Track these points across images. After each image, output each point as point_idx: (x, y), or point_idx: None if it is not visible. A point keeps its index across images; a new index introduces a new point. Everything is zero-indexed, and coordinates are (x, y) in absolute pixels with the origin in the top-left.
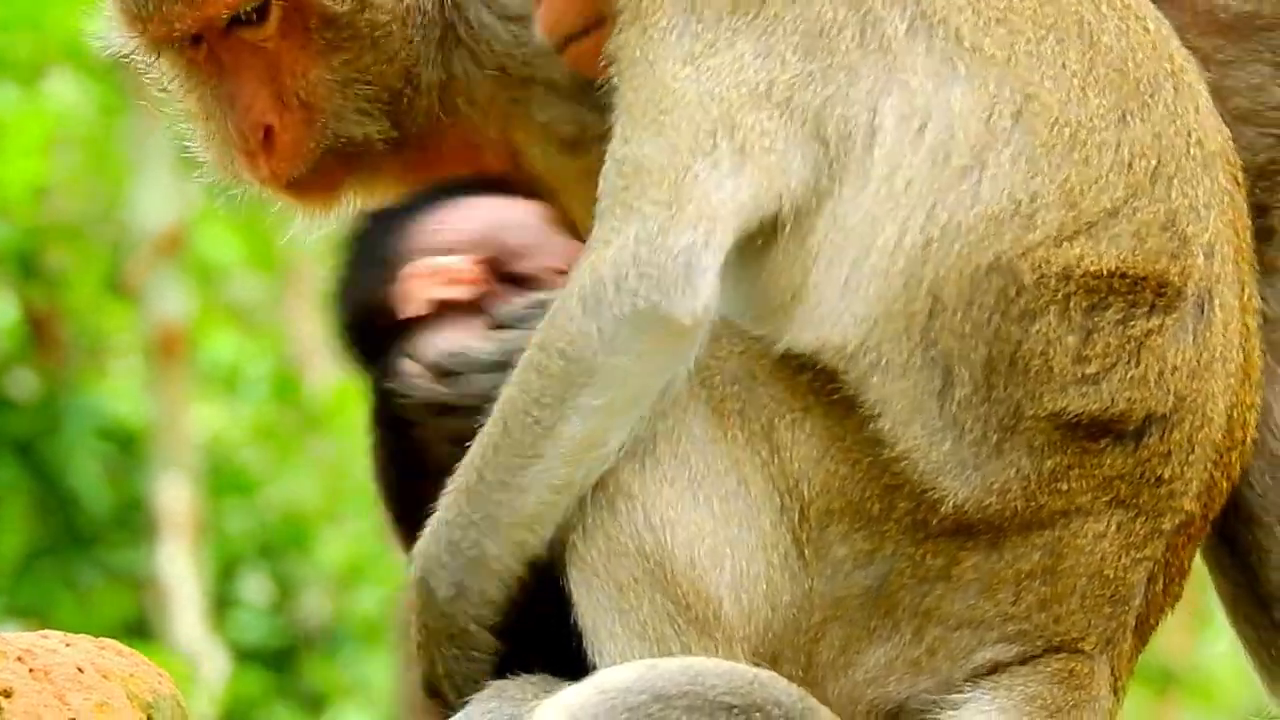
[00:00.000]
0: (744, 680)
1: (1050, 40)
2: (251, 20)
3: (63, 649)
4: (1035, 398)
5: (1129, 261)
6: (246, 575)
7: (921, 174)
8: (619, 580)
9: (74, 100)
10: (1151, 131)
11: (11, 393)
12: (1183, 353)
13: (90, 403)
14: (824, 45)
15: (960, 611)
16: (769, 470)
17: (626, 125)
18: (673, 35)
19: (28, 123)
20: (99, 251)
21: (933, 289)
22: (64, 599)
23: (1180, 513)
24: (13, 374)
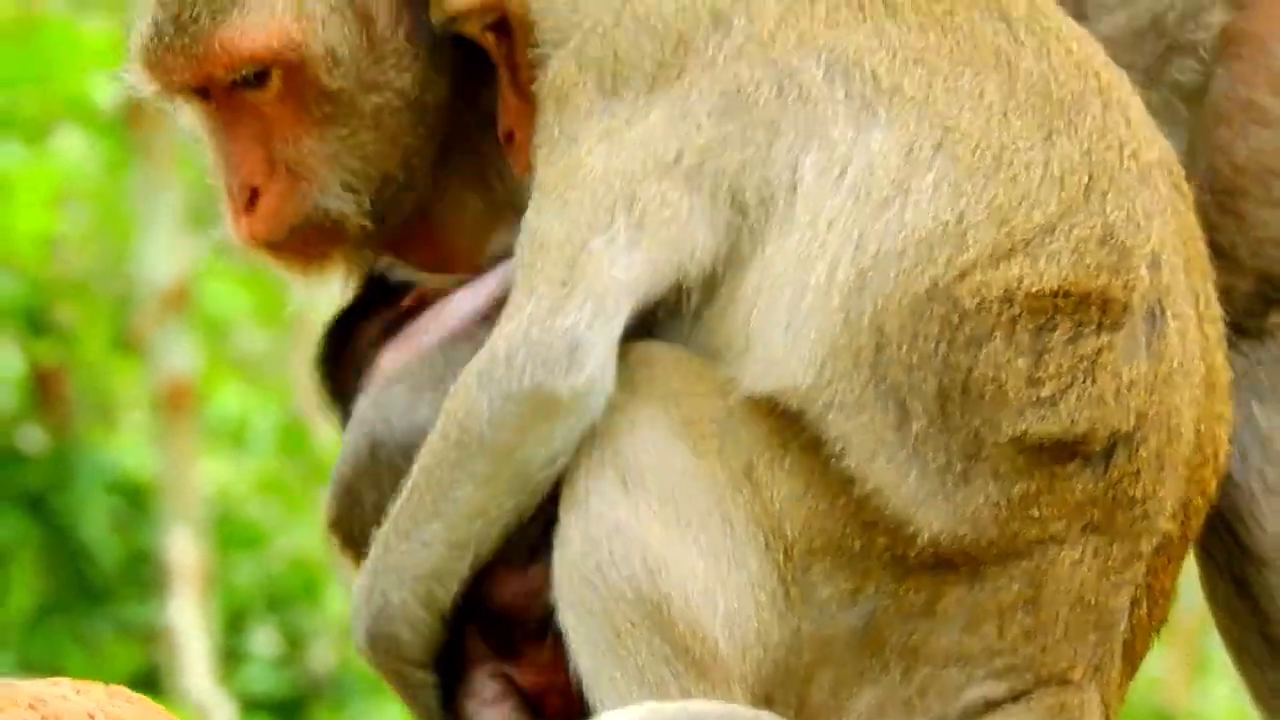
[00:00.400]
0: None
1: (967, 75)
2: (252, 83)
3: (73, 696)
4: (993, 424)
5: (1070, 279)
6: (255, 627)
7: (844, 212)
8: (616, 625)
9: (81, 156)
10: (1080, 148)
11: (21, 447)
12: (1138, 367)
13: (99, 457)
14: (742, 104)
15: (947, 648)
16: (751, 509)
17: (539, 199)
18: (593, 116)
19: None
20: (106, 306)
21: (875, 322)
22: (74, 652)
23: (1157, 533)
24: (22, 429)
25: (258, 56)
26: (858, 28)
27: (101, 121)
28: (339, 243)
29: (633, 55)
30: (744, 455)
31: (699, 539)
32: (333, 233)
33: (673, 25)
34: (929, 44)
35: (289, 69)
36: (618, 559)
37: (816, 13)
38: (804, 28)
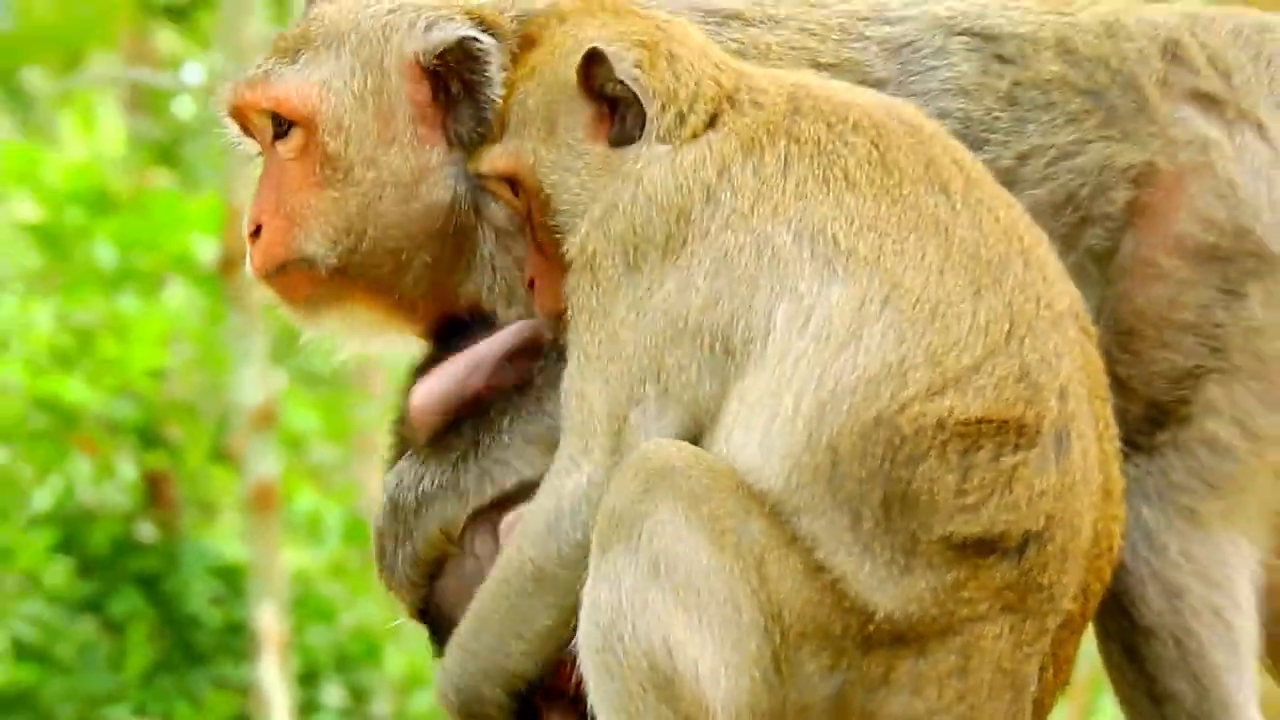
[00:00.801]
0: None
1: (912, 239)
2: (281, 134)
3: None
4: (927, 526)
5: (992, 409)
6: (326, 683)
7: (808, 354)
8: (630, 688)
9: (185, 304)
10: (1004, 301)
11: (137, 538)
12: (1047, 479)
13: (201, 546)
14: (728, 266)
15: (898, 710)
16: (758, 598)
17: (583, 363)
18: (621, 289)
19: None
20: (206, 425)
21: (831, 444)
22: (181, 705)
23: (1062, 612)
24: (138, 524)
25: (282, 108)
26: (823, 199)
27: (202, 276)
28: (319, 285)
29: (647, 230)
30: (758, 550)
31: (712, 623)
32: (309, 275)
33: (675, 201)
34: (880, 213)
35: (305, 126)
36: (640, 633)
37: (787, 187)
38: (777, 200)
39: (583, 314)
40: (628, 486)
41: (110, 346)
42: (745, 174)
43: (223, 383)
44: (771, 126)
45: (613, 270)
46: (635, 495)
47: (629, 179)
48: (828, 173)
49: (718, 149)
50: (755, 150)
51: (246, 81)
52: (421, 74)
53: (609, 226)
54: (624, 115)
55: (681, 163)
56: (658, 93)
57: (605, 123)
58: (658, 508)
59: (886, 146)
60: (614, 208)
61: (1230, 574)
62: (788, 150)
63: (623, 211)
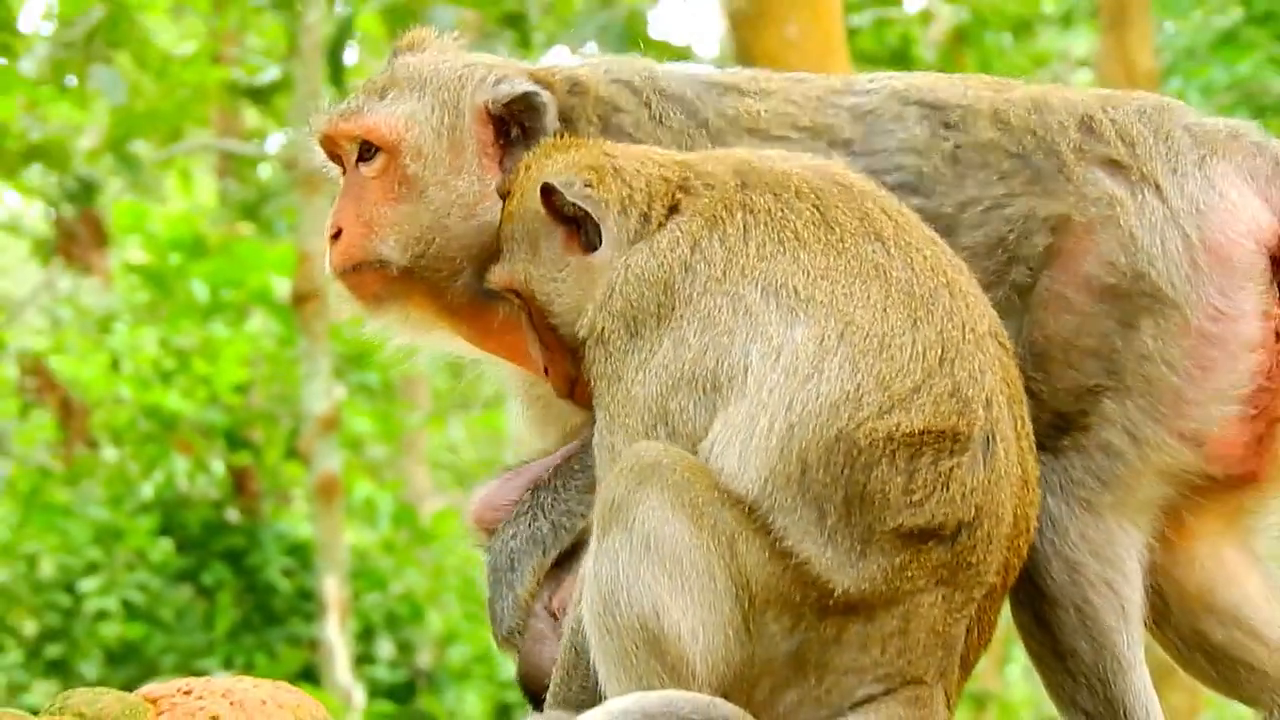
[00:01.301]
0: (704, 704)
1: (857, 284)
2: (366, 158)
3: (252, 688)
4: (881, 519)
5: (931, 422)
6: (379, 640)
7: (779, 384)
8: (625, 645)
9: (264, 331)
10: (936, 330)
11: (226, 521)
12: (977, 477)
13: (277, 527)
14: (711, 323)
15: (847, 663)
16: (730, 570)
17: (607, 421)
18: (628, 354)
19: (234, 346)
20: (282, 429)
21: (800, 457)
22: (260, 658)
23: (986, 585)
24: (226, 510)
25: (371, 135)
26: (781, 258)
27: (278, 307)
28: (387, 284)
29: (641, 303)
30: (729, 532)
31: (692, 591)
32: (382, 275)
33: (660, 277)
34: (830, 264)
35: (389, 150)
36: (633, 599)
37: (750, 251)
38: (743, 264)
39: (601, 380)
40: (623, 479)
41: (203, 365)
42: (714, 245)
43: (294, 394)
44: (727, 202)
45: (619, 340)
46: (629, 486)
47: (618, 268)
48: (781, 235)
49: (687, 229)
50: (718, 225)
51: (340, 113)
52: (488, 119)
53: (611, 306)
54: (585, 229)
55: (659, 246)
56: (610, 203)
57: (575, 238)
58: (648, 496)
59: (826, 206)
60: (612, 290)
61: (1120, 553)
62: (745, 220)
63: (619, 292)
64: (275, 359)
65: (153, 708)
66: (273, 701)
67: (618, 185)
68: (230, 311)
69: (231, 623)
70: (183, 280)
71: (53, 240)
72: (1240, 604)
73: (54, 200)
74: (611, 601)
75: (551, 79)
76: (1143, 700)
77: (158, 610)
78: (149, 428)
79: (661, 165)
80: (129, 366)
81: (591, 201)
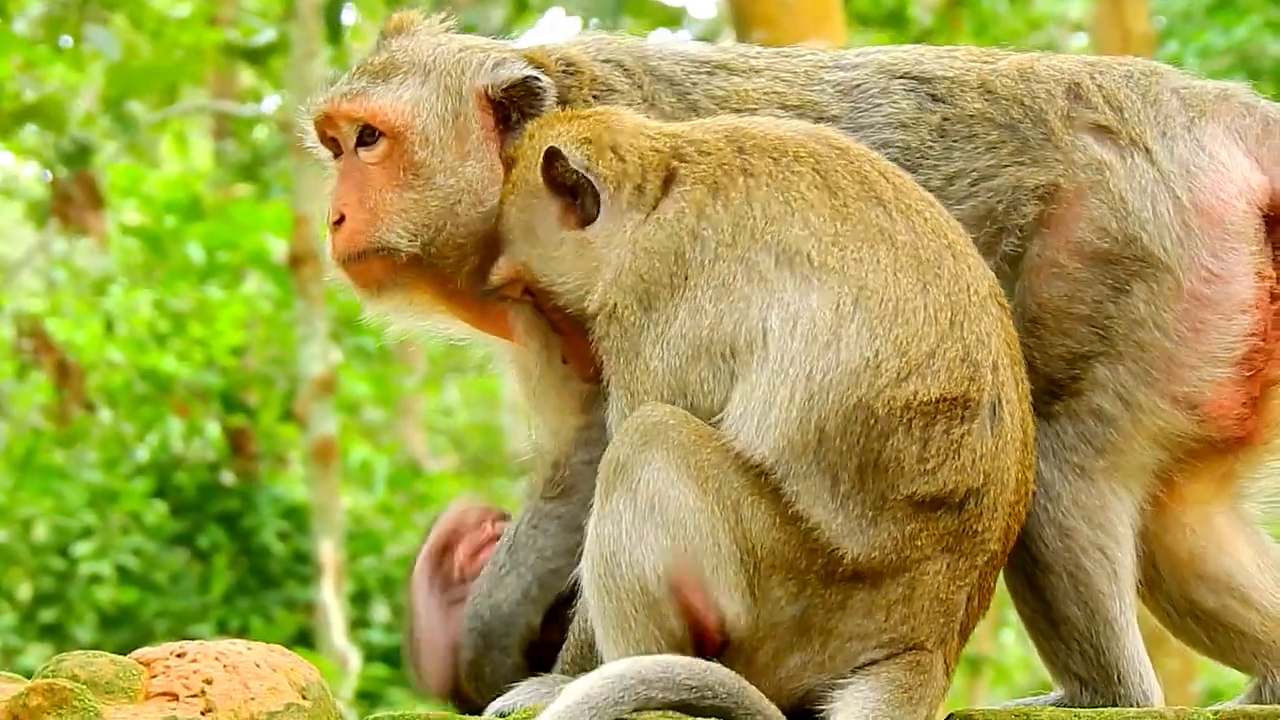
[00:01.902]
0: (701, 669)
1: (866, 249)
2: (367, 143)
3: (246, 651)
4: (895, 487)
5: (946, 389)
6: (375, 603)
7: (798, 353)
8: (624, 608)
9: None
10: (945, 292)
11: (222, 483)
12: (986, 444)
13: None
14: (726, 289)
15: (852, 629)
16: (734, 534)
17: (626, 397)
18: (643, 329)
19: (230, 308)
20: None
21: (818, 425)
22: (256, 621)
23: (988, 552)
24: (222, 472)
25: (376, 119)
26: (789, 220)
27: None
28: (393, 272)
29: (653, 275)
30: (735, 496)
31: (695, 553)
32: (388, 262)
33: (669, 248)
34: (838, 229)
35: (394, 136)
36: (635, 561)
37: (755, 213)
38: (751, 226)
39: (614, 356)
40: (629, 439)
41: (198, 328)
42: (719, 210)
43: (291, 357)
44: (726, 167)
45: (632, 315)
46: (635, 446)
47: (626, 244)
48: (787, 196)
49: (690, 197)
50: (721, 190)
51: (343, 94)
52: (489, 103)
53: (622, 281)
54: (583, 200)
55: (665, 218)
56: (608, 176)
57: (572, 211)
58: (654, 457)
59: (826, 171)
60: (621, 267)
61: (1112, 518)
62: (747, 184)
63: (630, 268)
64: (271, 321)
65: (146, 671)
66: (266, 665)
67: (614, 157)
68: (226, 274)
69: (226, 586)
70: (178, 243)
71: (48, 202)
72: (1232, 571)
73: (49, 162)
74: (613, 563)
75: (546, 60)
76: (1136, 665)
77: (152, 574)
78: (145, 390)
79: (652, 138)
80: (124, 329)
81: (591, 171)
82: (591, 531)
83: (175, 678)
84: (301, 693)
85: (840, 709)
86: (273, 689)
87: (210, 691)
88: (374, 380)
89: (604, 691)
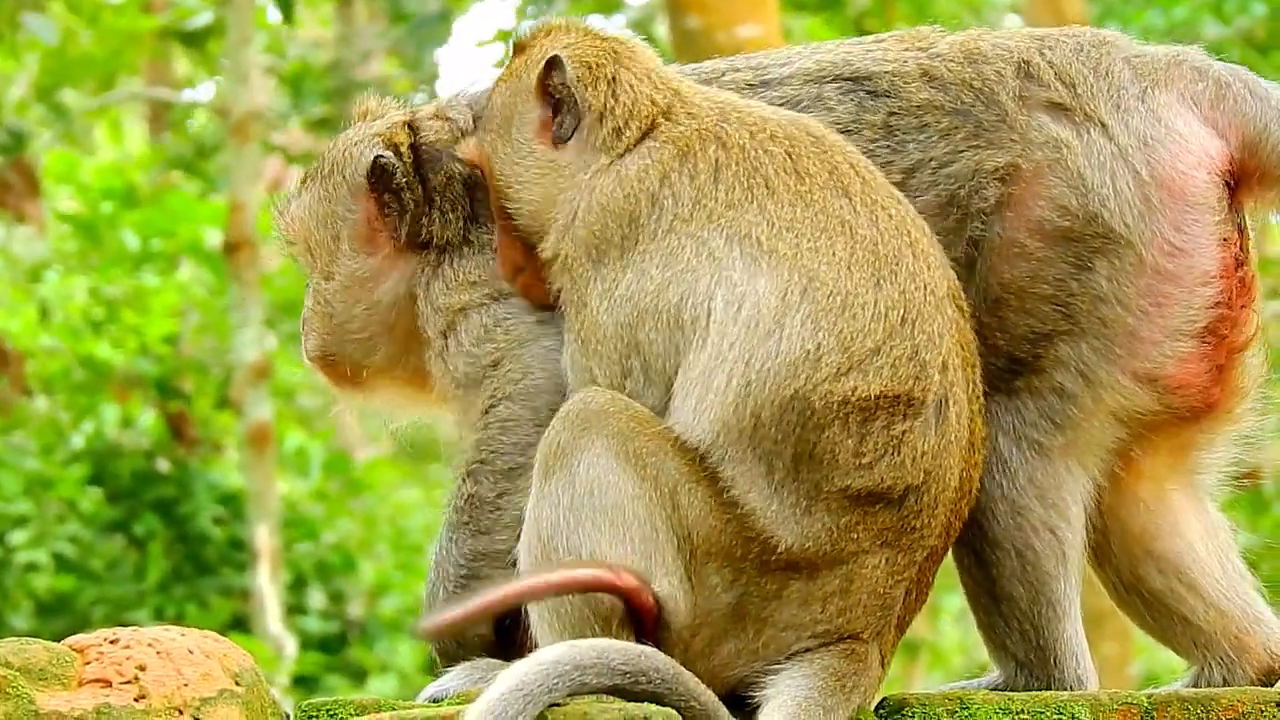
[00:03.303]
0: (636, 654)
1: (823, 238)
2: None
3: (179, 637)
4: (829, 479)
5: (888, 386)
6: (311, 590)
7: (740, 338)
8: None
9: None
10: (899, 290)
11: (157, 470)
12: (928, 442)
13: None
14: (674, 259)
15: (787, 619)
16: (671, 521)
17: (580, 345)
18: (591, 282)
19: (165, 295)
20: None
21: (754, 412)
22: (191, 608)
23: (928, 548)
24: (157, 459)
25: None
26: (748, 206)
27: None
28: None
29: (605, 233)
30: (672, 482)
31: (633, 540)
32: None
33: (626, 209)
34: (796, 216)
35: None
36: (571, 546)
37: (718, 195)
38: (711, 208)
39: (570, 307)
40: (569, 424)
41: (132, 316)
42: (683, 181)
43: (226, 343)
44: (702, 133)
45: (582, 269)
46: (575, 431)
47: (583, 190)
48: (751, 180)
49: (657, 157)
50: (689, 157)
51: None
52: (368, 193)
53: (574, 233)
54: (563, 119)
55: (627, 173)
56: (594, 106)
57: (549, 127)
58: (593, 443)
59: (798, 155)
60: (575, 217)
61: (1066, 497)
62: (717, 156)
63: (582, 220)
64: (206, 308)
65: (80, 657)
66: (200, 651)
67: (606, 93)
68: (160, 261)
69: (162, 573)
70: (114, 230)
71: None
72: (1182, 554)
73: None
74: (550, 546)
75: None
76: (1073, 649)
77: (88, 561)
78: (83, 377)
79: (656, 88)
80: (60, 315)
81: (580, 95)
82: (530, 514)
83: (109, 664)
84: (235, 679)
85: (773, 695)
86: (206, 675)
87: (144, 678)
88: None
89: (538, 678)
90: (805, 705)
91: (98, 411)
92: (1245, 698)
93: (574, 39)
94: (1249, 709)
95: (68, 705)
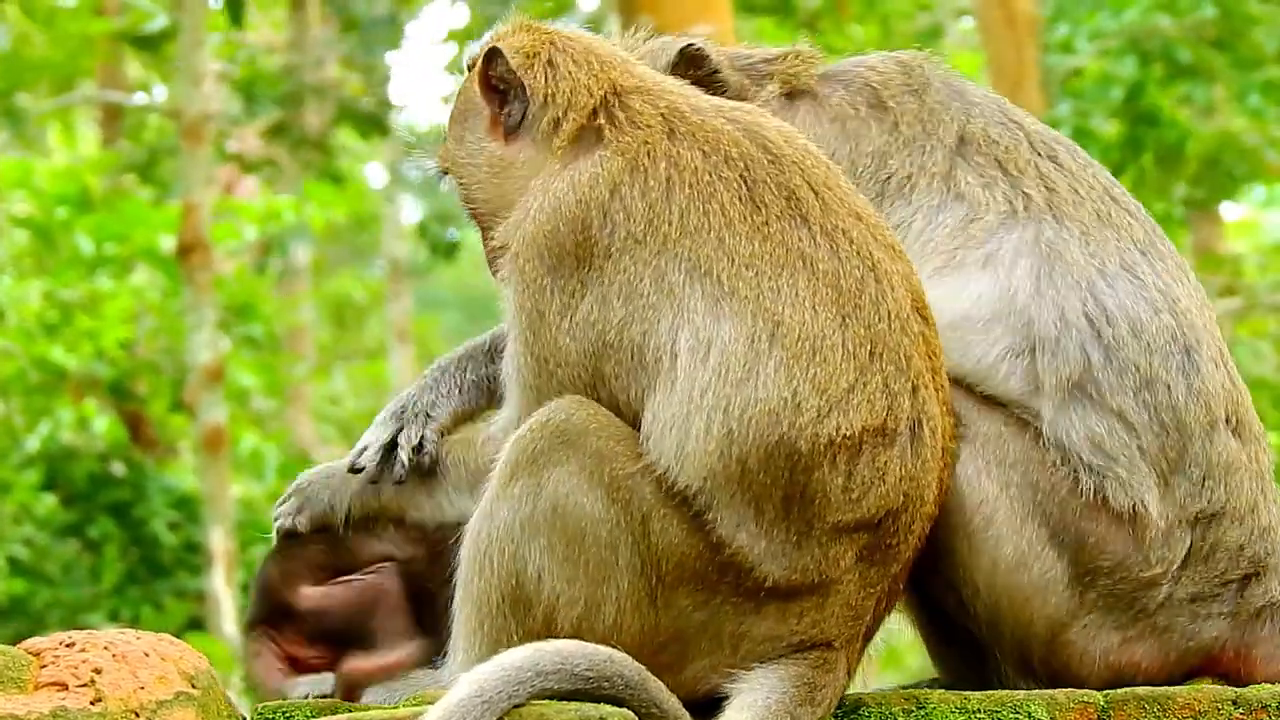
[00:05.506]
0: (601, 659)
1: (784, 276)
2: None
3: (135, 640)
4: (820, 517)
5: (868, 421)
6: None
7: (712, 385)
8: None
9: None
10: (864, 324)
11: (112, 473)
12: (907, 466)
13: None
14: (633, 292)
15: (764, 633)
16: (639, 547)
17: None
18: (545, 289)
19: (119, 299)
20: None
21: (740, 459)
22: (147, 610)
23: (902, 561)
24: (112, 462)
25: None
26: (705, 237)
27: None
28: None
29: (556, 237)
30: (645, 508)
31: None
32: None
33: (576, 214)
34: (755, 251)
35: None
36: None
37: (672, 214)
38: (665, 232)
39: (519, 311)
40: (546, 435)
41: (86, 320)
42: (634, 195)
43: (179, 347)
44: (651, 149)
45: (534, 271)
46: (552, 442)
47: (535, 192)
48: (707, 207)
49: (607, 167)
50: (640, 172)
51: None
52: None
53: (525, 230)
54: (510, 110)
55: (579, 179)
56: (535, 90)
57: (499, 122)
58: (567, 459)
59: (754, 181)
60: (526, 215)
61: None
62: (669, 174)
63: (533, 219)
64: (160, 311)
65: (35, 661)
66: (155, 653)
67: (545, 78)
68: (115, 265)
69: (118, 576)
70: (67, 234)
71: None
72: None
73: None
74: (497, 548)
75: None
76: None
77: (43, 565)
78: (37, 380)
79: (594, 74)
80: (14, 319)
81: (522, 81)
82: (485, 507)
83: (64, 667)
84: (190, 681)
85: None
86: (161, 678)
87: (99, 681)
88: (262, 369)
89: (498, 684)
90: (775, 711)
91: (53, 415)
92: (1202, 695)
93: (511, 32)
94: (1206, 707)
95: (24, 708)
